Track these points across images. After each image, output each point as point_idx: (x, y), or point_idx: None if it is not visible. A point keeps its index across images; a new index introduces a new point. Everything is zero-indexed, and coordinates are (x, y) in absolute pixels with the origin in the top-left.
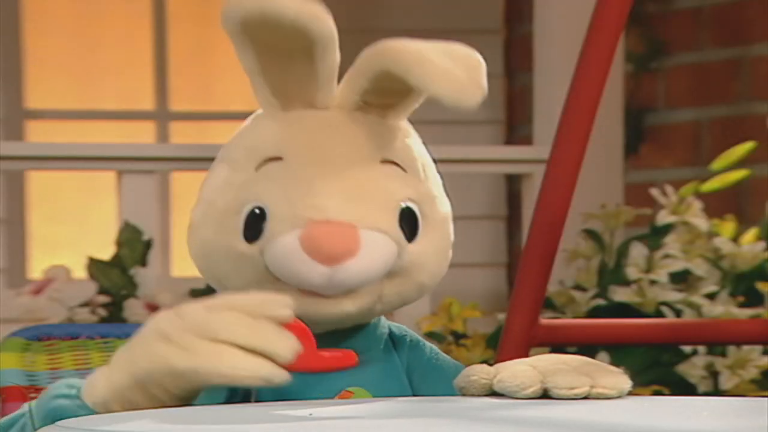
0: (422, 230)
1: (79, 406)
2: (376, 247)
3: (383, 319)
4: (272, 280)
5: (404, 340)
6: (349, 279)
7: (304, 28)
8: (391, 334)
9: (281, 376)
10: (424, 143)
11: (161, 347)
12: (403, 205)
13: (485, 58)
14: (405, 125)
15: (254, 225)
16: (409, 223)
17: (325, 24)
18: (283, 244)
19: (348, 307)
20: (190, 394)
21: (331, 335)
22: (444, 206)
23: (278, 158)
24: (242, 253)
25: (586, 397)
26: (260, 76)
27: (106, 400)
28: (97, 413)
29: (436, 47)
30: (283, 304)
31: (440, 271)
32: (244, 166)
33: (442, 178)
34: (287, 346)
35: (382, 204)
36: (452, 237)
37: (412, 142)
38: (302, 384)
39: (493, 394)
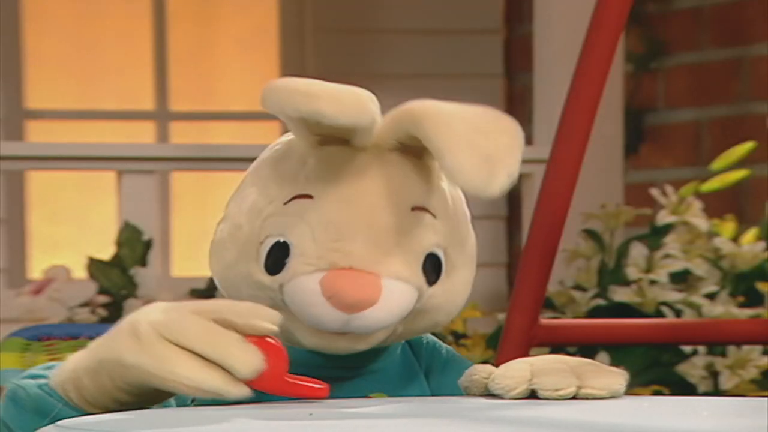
0: (445, 274)
1: (39, 386)
2: (397, 297)
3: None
4: (288, 312)
5: (421, 341)
6: (364, 327)
7: (341, 126)
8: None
9: (236, 392)
10: None
11: (123, 338)
12: (429, 251)
13: (485, 58)
14: (437, 166)
15: (277, 258)
16: (432, 267)
17: (368, 117)
18: (304, 285)
19: (361, 346)
20: (137, 392)
21: None
22: (470, 245)
23: (309, 196)
24: (261, 283)
25: (574, 397)
26: (297, 129)
27: (64, 380)
28: (54, 393)
29: (467, 118)
30: (269, 318)
31: (458, 308)
32: (274, 198)
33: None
34: (247, 361)
35: (408, 253)
36: (474, 270)
37: (446, 184)
38: None
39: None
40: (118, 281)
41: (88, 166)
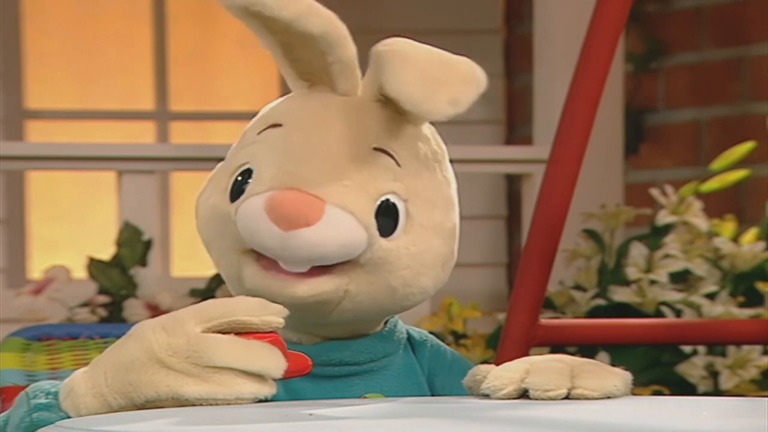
0: (402, 228)
1: (61, 419)
2: (338, 224)
3: (400, 323)
4: (241, 243)
5: (425, 345)
6: (299, 247)
7: (294, 25)
8: (411, 339)
9: (272, 391)
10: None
11: (162, 375)
12: (385, 197)
13: (485, 58)
14: (426, 131)
15: (240, 185)
16: (387, 217)
17: (318, 20)
18: (251, 203)
19: (299, 291)
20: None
21: (345, 342)
22: (443, 218)
23: (279, 125)
24: (224, 212)
25: (567, 398)
26: (281, 57)
27: (96, 413)
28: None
29: (432, 52)
30: (277, 311)
31: (419, 280)
32: (250, 133)
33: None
34: (278, 365)
35: (360, 188)
36: (448, 253)
37: (426, 147)
38: (321, 391)
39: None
40: (118, 281)
41: (88, 166)
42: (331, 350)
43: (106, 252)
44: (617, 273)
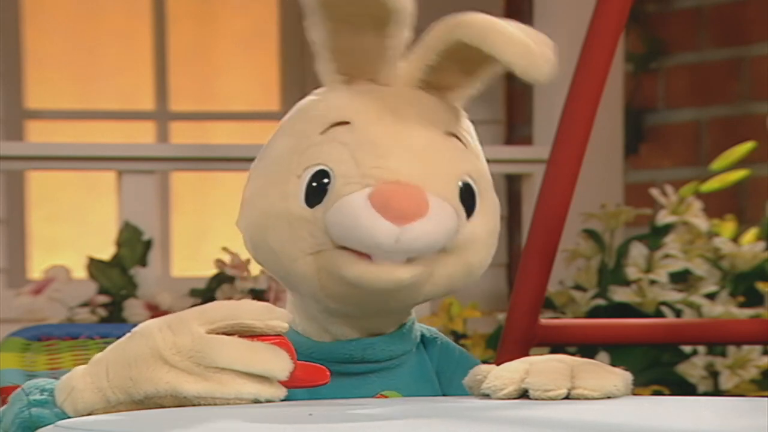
0: (478, 208)
1: (57, 415)
2: (443, 214)
3: (415, 321)
4: (329, 246)
5: (435, 342)
6: (415, 241)
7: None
8: (422, 336)
9: (278, 393)
10: None
11: (163, 372)
12: (464, 179)
13: None
14: (463, 111)
15: (316, 189)
16: (467, 199)
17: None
18: (352, 203)
19: (402, 274)
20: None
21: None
22: (495, 195)
23: (345, 123)
24: (301, 217)
25: (567, 398)
26: (329, 50)
27: (94, 409)
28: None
29: (508, 22)
30: (281, 316)
31: (488, 256)
32: (309, 133)
33: None
34: (283, 367)
35: (446, 174)
36: (498, 227)
37: (471, 126)
38: (336, 389)
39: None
40: (118, 281)
41: (88, 166)
42: (350, 349)
43: (106, 252)
44: (617, 273)
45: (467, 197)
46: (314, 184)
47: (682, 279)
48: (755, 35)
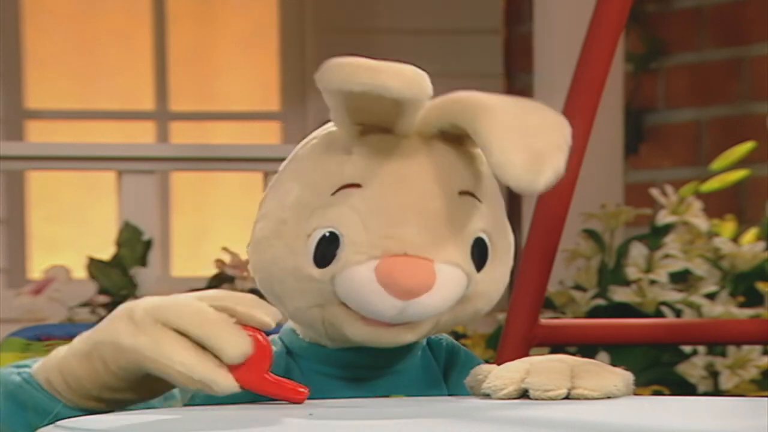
0: (490, 260)
1: (19, 374)
2: (450, 282)
3: None
4: (338, 304)
5: (441, 344)
6: (420, 313)
7: (404, 100)
8: (428, 339)
9: (225, 383)
10: None
11: (120, 322)
12: (477, 236)
13: (485, 58)
14: (479, 151)
15: (326, 250)
16: (479, 253)
17: (422, 89)
18: (358, 274)
19: (409, 337)
20: (129, 377)
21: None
22: (509, 234)
23: (357, 185)
24: (310, 276)
25: (567, 398)
26: (344, 115)
27: (50, 368)
28: (36, 383)
29: (516, 113)
30: (270, 313)
31: (498, 296)
32: (320, 190)
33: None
34: (235, 343)
35: (458, 238)
36: (512, 263)
37: (487, 170)
38: (341, 393)
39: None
40: (118, 281)
41: (88, 166)
42: (358, 355)
43: (106, 252)
44: (617, 273)
45: (479, 253)
46: (324, 245)
47: (682, 279)
48: (755, 35)
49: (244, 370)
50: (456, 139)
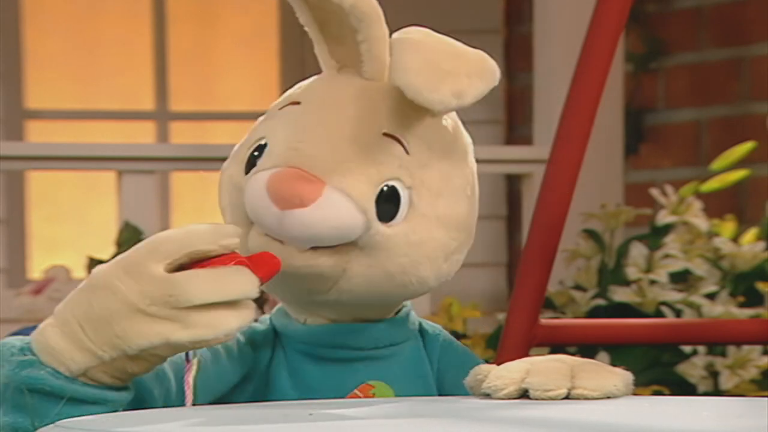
0: (404, 216)
1: (52, 374)
2: (334, 207)
3: (413, 314)
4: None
5: (437, 339)
6: (294, 226)
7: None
8: (423, 331)
9: (252, 315)
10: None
11: (148, 324)
12: (388, 183)
13: None
14: (448, 122)
15: (254, 160)
16: (389, 203)
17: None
18: (257, 179)
19: (296, 261)
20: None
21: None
22: (449, 209)
23: (297, 103)
24: (238, 184)
25: (567, 398)
26: (316, 33)
27: (89, 368)
28: (78, 381)
29: (440, 39)
30: (231, 233)
31: (418, 268)
32: (275, 107)
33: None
34: (254, 285)
35: (363, 172)
36: (453, 246)
37: (443, 137)
38: (323, 374)
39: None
40: None
41: (88, 166)
42: (336, 333)
43: (106, 252)
44: (617, 273)
45: (388, 201)
46: (256, 155)
47: (682, 279)
48: (755, 35)
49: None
50: None
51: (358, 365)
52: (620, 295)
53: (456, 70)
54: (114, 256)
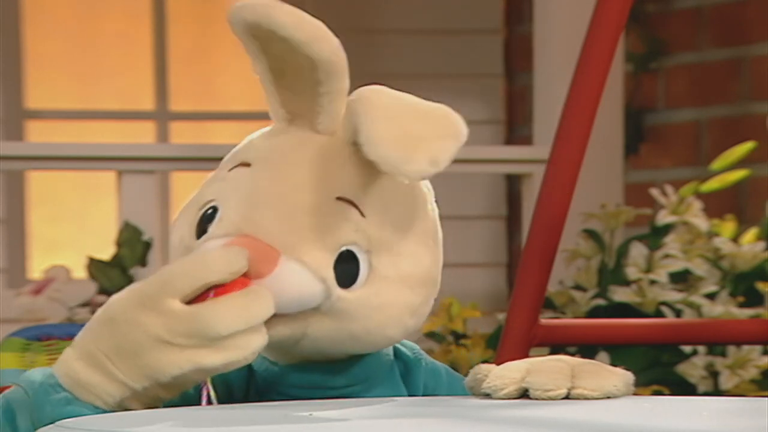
0: (365, 280)
1: (94, 411)
2: (292, 280)
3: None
4: None
5: (419, 364)
6: None
7: (303, 47)
8: (403, 359)
9: (266, 336)
10: None
11: (178, 354)
12: (345, 248)
13: (485, 58)
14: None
15: (206, 223)
16: (348, 267)
17: (327, 47)
18: (207, 248)
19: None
20: None
21: (321, 365)
22: (412, 267)
23: (248, 164)
24: (189, 247)
25: (567, 398)
26: (269, 83)
27: (123, 399)
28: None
29: (410, 104)
30: (238, 259)
31: (383, 331)
32: (223, 167)
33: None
34: (270, 306)
35: (320, 241)
36: (419, 302)
37: (401, 193)
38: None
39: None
40: (118, 281)
41: (88, 166)
42: (309, 374)
43: (106, 252)
44: (617, 273)
45: (347, 266)
46: (207, 219)
47: (682, 279)
48: (755, 35)
49: None
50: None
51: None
52: (620, 295)
53: (427, 135)
54: (114, 257)
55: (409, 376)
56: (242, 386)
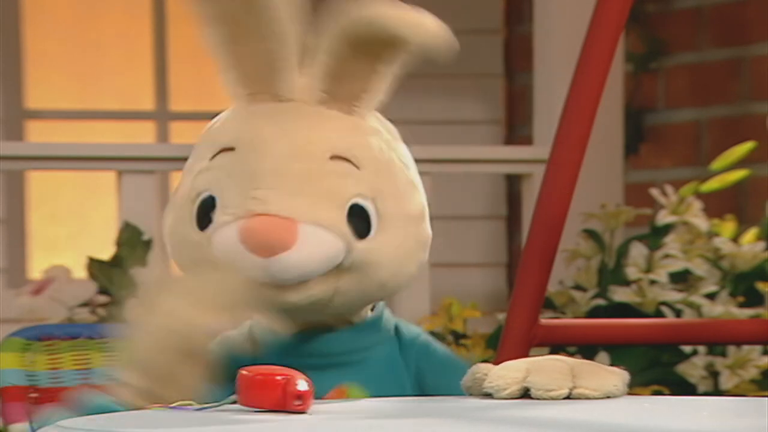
0: (377, 227)
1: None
2: (315, 242)
3: (386, 314)
4: (222, 267)
5: (414, 343)
6: (284, 271)
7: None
8: (399, 334)
9: None
10: (409, 142)
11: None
12: (353, 202)
13: (485, 58)
14: (372, 123)
15: (206, 214)
16: (360, 220)
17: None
18: (224, 235)
19: (292, 298)
20: None
21: (330, 331)
22: (412, 204)
23: (231, 149)
24: (195, 241)
25: (568, 398)
26: (226, 54)
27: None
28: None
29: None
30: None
31: (404, 269)
32: (203, 156)
33: (441, 177)
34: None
35: (327, 200)
36: (425, 235)
37: (378, 139)
38: None
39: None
40: (118, 281)
41: (88, 166)
42: (307, 341)
43: (106, 252)
44: (617, 273)
45: (358, 219)
46: (204, 209)
47: (682, 279)
48: (755, 35)
49: None
50: (341, 105)
51: (331, 371)
52: (620, 295)
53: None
54: (114, 257)
55: (401, 352)
56: (248, 362)
